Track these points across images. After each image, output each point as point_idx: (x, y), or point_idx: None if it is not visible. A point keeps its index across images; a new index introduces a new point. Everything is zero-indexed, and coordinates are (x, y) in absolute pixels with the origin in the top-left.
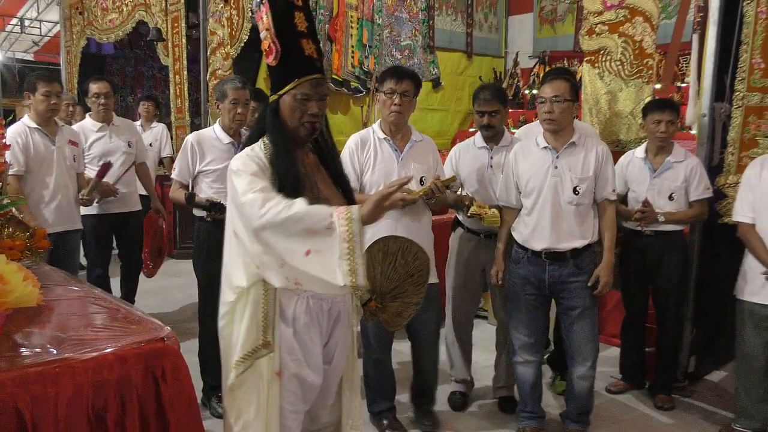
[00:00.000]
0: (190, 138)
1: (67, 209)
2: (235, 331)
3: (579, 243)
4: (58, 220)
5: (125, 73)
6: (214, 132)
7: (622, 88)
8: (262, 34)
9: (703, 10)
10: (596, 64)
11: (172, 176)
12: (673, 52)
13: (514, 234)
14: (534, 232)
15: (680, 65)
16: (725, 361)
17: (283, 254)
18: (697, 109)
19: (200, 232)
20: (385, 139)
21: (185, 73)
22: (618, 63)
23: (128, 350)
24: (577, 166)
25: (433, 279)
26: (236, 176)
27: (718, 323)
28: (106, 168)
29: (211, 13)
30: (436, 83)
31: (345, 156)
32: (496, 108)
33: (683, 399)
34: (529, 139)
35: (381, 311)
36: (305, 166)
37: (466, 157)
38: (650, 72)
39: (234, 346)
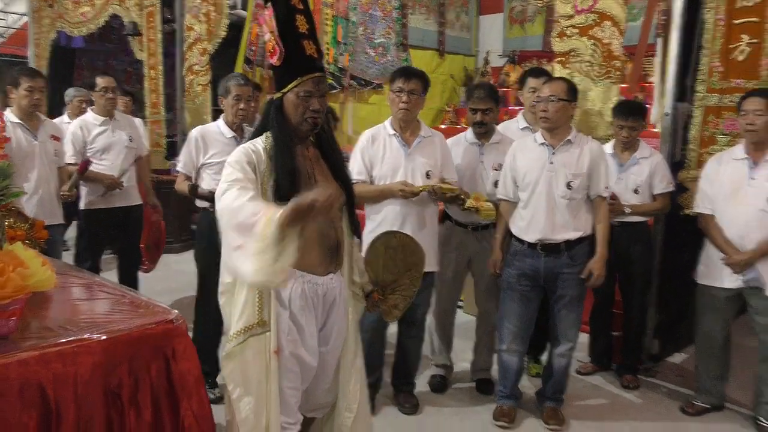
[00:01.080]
0: (195, 132)
1: (48, 204)
2: (234, 307)
3: (572, 235)
4: (39, 214)
5: (95, 67)
6: (218, 126)
7: (592, 88)
8: (267, 36)
9: (666, 14)
10: (567, 65)
11: (177, 168)
12: (640, 54)
13: (511, 227)
14: (530, 224)
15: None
16: (686, 343)
17: (225, 242)
18: (660, 108)
19: (202, 223)
20: (394, 134)
21: (161, 68)
22: (587, 64)
23: (140, 331)
24: (572, 162)
25: (432, 267)
26: (226, 166)
27: (679, 309)
28: (86, 164)
29: (188, 9)
30: None
31: (357, 151)
32: (490, 106)
33: (648, 379)
34: (528, 136)
35: (382, 303)
36: (305, 159)
37: (458, 152)
38: (618, 73)
39: (232, 320)
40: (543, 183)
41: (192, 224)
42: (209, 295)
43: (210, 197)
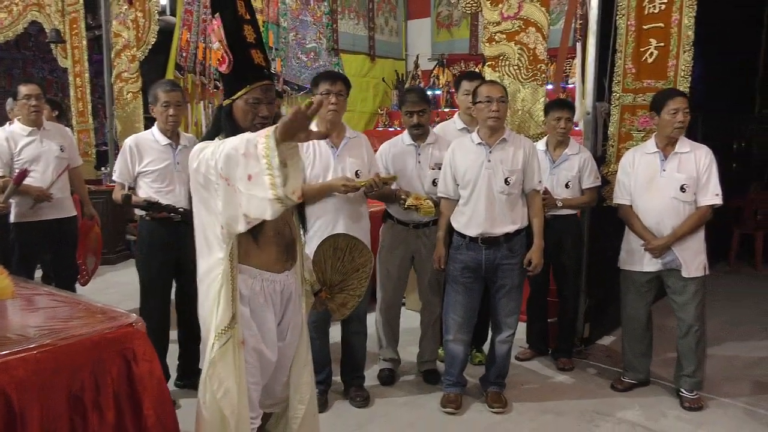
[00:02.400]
0: (129, 140)
1: None
2: (217, 306)
3: (510, 228)
4: None
5: (12, 76)
6: (153, 134)
7: (520, 89)
8: (215, 45)
9: (583, 18)
10: (496, 68)
11: (113, 178)
12: (561, 58)
13: (453, 223)
14: (471, 219)
15: (565, 68)
16: (613, 327)
17: (238, 184)
18: (582, 107)
19: (142, 231)
20: None
21: (87, 75)
22: (515, 68)
23: (101, 336)
24: (508, 159)
25: None
26: (196, 155)
27: (606, 294)
28: (23, 175)
29: (115, 15)
30: None
31: None
32: (423, 108)
33: (581, 360)
34: (465, 137)
35: (329, 301)
36: None
37: (396, 154)
38: (543, 76)
39: (214, 321)
40: (482, 180)
41: (127, 234)
42: (152, 304)
43: (145, 206)
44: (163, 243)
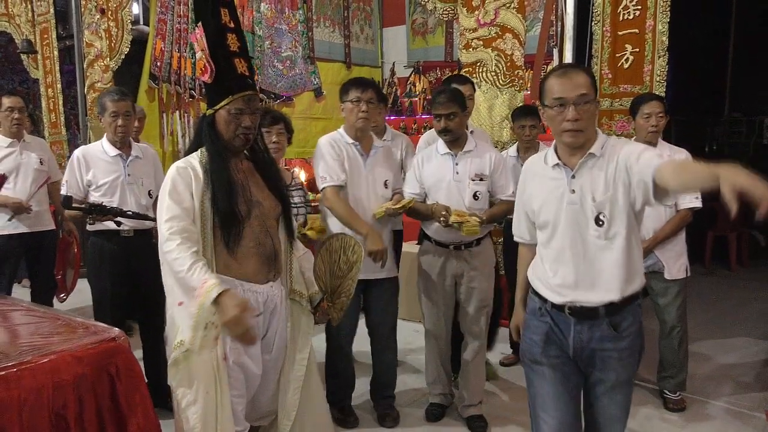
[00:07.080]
0: (77, 152)
1: None
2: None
3: (615, 295)
4: None
5: None
6: (102, 145)
7: (498, 95)
8: (198, 54)
9: (556, 25)
10: (474, 75)
11: (63, 192)
12: (538, 64)
13: (530, 277)
14: (553, 277)
15: (542, 74)
16: None
17: (166, 288)
18: None
19: (92, 248)
20: (352, 143)
21: (59, 86)
22: (493, 74)
23: (84, 351)
24: (598, 185)
25: (393, 273)
26: (162, 196)
27: None
28: (1, 180)
29: (87, 25)
30: (318, 93)
31: (325, 151)
32: (453, 110)
33: None
34: (537, 156)
35: (331, 309)
36: (239, 171)
37: (430, 166)
38: (521, 81)
39: (174, 331)
40: (566, 221)
41: None
42: (102, 320)
43: (87, 209)
44: (113, 256)
